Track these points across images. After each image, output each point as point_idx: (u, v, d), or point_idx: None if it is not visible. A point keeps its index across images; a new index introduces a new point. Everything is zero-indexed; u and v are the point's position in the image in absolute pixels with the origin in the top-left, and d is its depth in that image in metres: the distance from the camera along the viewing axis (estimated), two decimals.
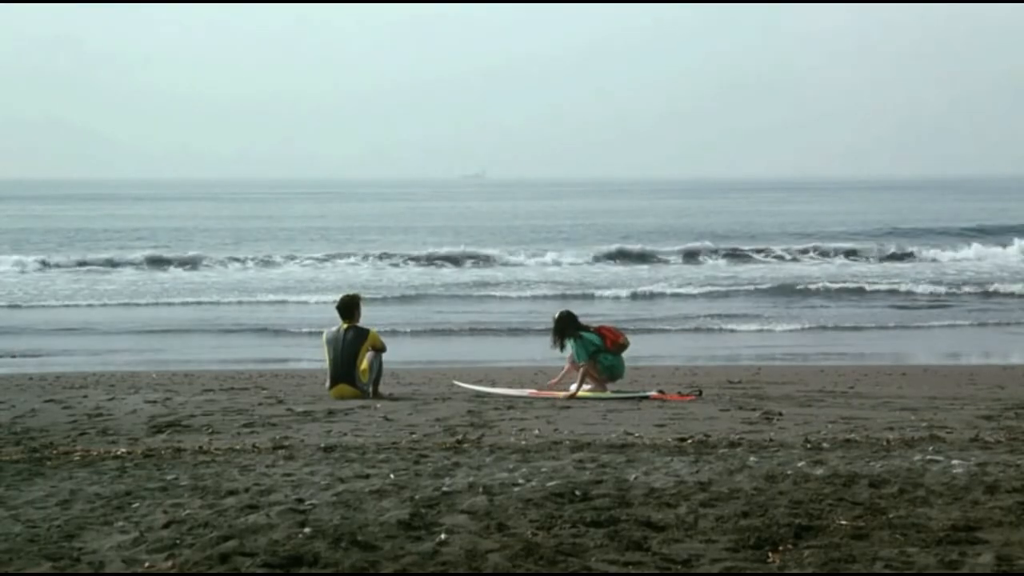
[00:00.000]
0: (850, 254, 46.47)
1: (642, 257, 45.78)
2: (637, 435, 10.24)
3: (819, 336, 24.25)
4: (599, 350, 13.63)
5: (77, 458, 9.22)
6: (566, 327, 13.78)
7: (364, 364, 13.31)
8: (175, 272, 41.20)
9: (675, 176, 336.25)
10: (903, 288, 34.03)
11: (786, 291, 34.02)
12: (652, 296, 33.30)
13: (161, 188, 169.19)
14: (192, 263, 43.29)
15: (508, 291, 34.37)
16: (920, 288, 33.87)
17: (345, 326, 13.37)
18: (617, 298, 32.89)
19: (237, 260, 43.89)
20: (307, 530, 6.52)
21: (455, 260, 44.14)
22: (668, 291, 33.97)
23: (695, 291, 33.99)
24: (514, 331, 25.24)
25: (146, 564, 5.99)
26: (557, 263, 44.12)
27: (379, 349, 13.44)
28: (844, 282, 35.52)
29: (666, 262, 44.88)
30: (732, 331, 25.02)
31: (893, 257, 45.88)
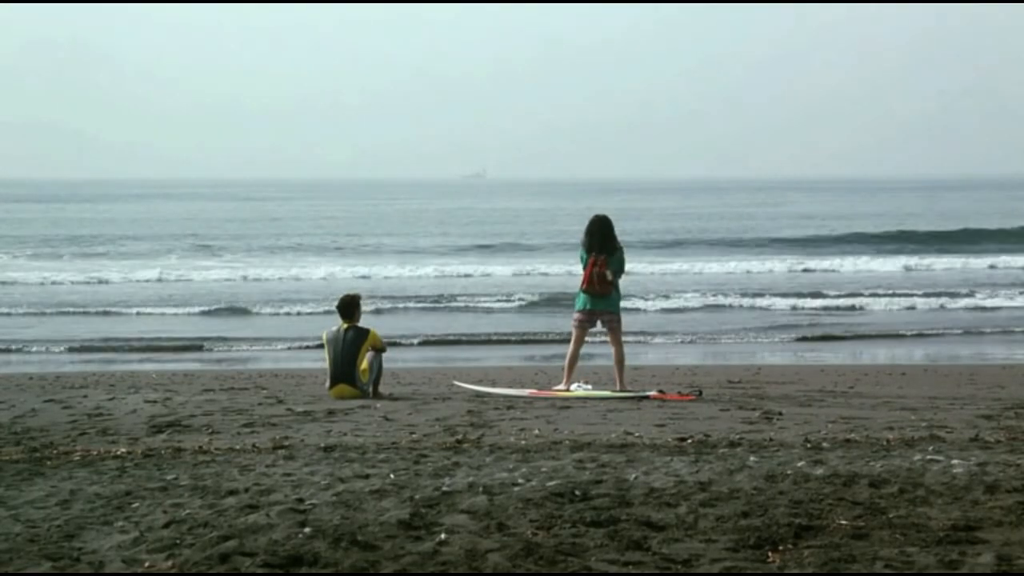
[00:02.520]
0: None
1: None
2: (637, 435, 10.24)
3: None
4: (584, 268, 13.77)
5: (77, 458, 9.22)
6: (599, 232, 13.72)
7: (364, 364, 13.31)
8: None
9: (673, 176, 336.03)
10: None
11: None
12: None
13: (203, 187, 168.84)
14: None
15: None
16: None
17: (345, 326, 13.37)
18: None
19: None
20: (307, 530, 6.52)
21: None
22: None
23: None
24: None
25: (146, 564, 5.99)
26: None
27: (379, 349, 13.45)
28: None
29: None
30: None
31: None
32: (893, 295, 31.74)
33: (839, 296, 31.51)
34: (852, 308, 29.79)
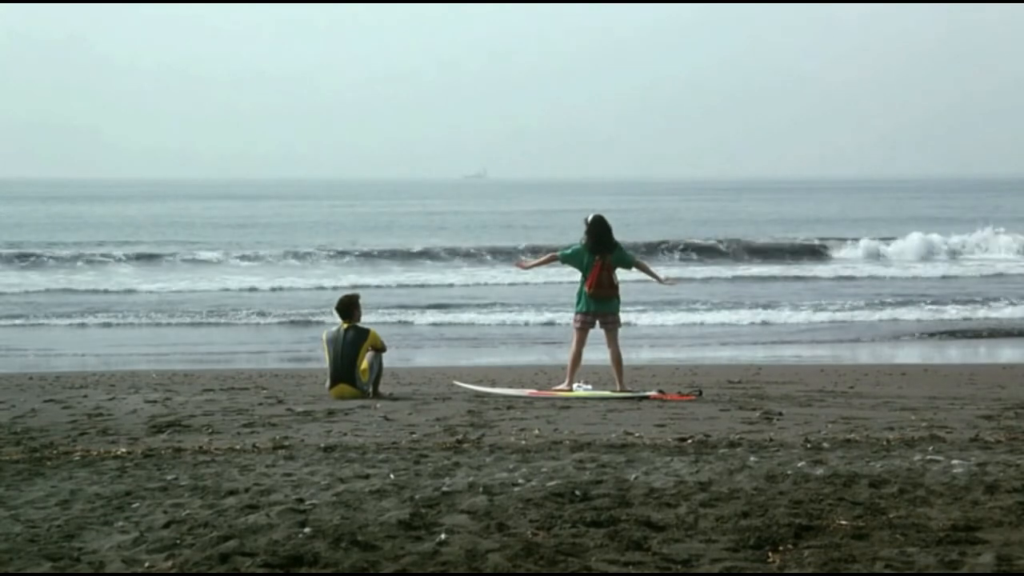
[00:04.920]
0: None
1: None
2: (637, 435, 10.24)
3: None
4: (584, 276, 13.62)
5: (77, 458, 9.23)
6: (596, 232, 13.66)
7: (364, 364, 13.31)
8: None
9: (674, 176, 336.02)
10: None
11: None
12: None
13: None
14: None
15: None
16: None
17: (345, 326, 13.38)
18: None
19: None
20: (307, 530, 6.52)
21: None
22: None
23: None
24: None
25: (146, 564, 6.00)
26: None
27: (379, 349, 13.45)
28: None
29: None
30: None
31: None
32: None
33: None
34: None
